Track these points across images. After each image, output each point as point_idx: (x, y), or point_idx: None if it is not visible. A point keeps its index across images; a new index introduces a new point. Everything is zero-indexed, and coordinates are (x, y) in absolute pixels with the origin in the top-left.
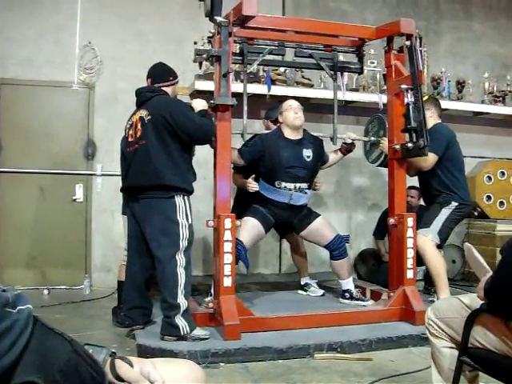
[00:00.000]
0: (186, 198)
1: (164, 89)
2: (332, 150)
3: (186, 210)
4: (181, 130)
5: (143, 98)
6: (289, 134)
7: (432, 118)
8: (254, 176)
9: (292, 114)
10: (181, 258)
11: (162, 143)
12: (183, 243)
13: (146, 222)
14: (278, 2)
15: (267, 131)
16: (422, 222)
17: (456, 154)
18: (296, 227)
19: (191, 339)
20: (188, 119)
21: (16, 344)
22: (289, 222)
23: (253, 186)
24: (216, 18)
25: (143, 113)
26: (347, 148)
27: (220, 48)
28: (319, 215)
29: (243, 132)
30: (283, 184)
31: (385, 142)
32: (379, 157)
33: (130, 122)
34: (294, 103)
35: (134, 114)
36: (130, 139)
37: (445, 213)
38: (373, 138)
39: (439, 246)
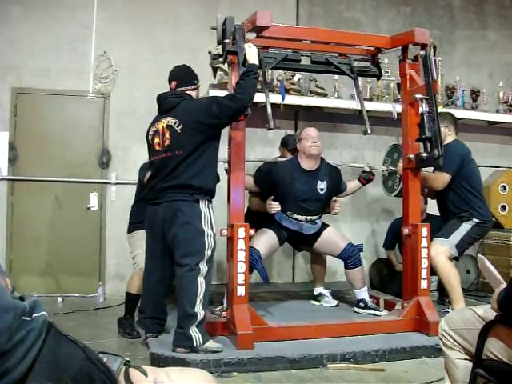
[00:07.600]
0: (209, 205)
1: (189, 92)
2: (351, 179)
3: (210, 219)
4: (217, 119)
5: (168, 104)
6: (305, 163)
7: (451, 136)
8: (273, 197)
9: (309, 142)
10: (203, 267)
11: (194, 150)
12: (207, 252)
13: (171, 228)
14: (292, 13)
15: (282, 159)
16: (440, 232)
17: (471, 171)
18: (307, 242)
19: (203, 351)
20: (218, 105)
21: (28, 354)
22: (300, 239)
23: (274, 206)
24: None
25: (171, 121)
26: (366, 177)
27: (236, 45)
28: (328, 225)
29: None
30: (294, 215)
31: (400, 164)
32: (397, 185)
33: (154, 129)
34: (313, 132)
35: (159, 120)
36: (157, 148)
37: (465, 228)
38: (391, 167)
39: (455, 258)
